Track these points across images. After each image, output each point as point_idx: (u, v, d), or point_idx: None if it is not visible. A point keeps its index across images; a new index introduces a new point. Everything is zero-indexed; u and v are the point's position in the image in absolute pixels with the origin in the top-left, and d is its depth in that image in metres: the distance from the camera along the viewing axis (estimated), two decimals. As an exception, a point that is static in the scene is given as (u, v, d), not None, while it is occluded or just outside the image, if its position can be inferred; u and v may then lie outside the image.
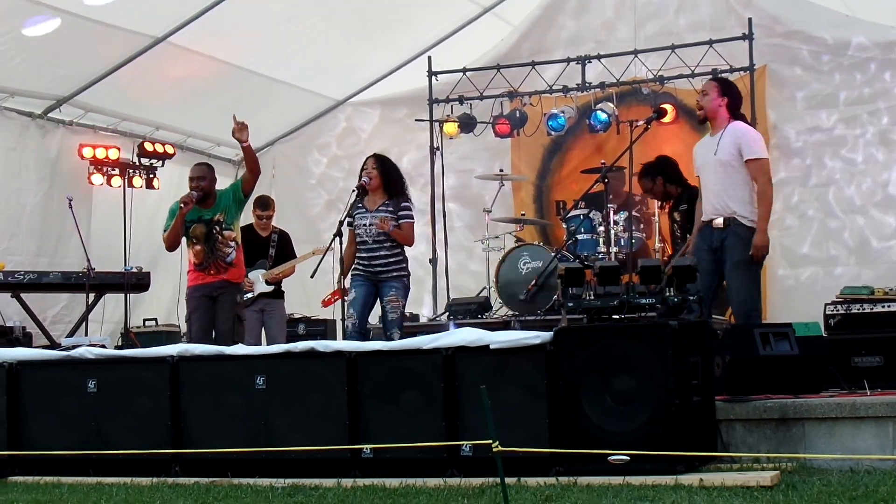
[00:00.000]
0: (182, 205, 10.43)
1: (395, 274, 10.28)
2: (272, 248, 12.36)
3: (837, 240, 13.38)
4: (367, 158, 10.58)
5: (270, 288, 12.20)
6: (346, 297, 10.19)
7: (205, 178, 10.66)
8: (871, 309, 10.93)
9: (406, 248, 10.48)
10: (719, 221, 9.08)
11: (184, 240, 10.60)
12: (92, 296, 13.25)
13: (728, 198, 9.03)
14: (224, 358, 8.47)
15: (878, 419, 7.56)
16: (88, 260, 13.05)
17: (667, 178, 11.53)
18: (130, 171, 14.22)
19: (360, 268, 10.29)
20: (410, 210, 10.41)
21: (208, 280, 10.47)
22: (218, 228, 10.46)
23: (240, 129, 10.44)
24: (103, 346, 10.34)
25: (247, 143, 10.48)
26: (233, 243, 10.49)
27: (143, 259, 13.97)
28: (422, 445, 7.40)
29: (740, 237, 8.94)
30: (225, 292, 10.49)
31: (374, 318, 10.84)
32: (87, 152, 13.88)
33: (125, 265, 13.58)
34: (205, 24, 12.96)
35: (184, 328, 14.13)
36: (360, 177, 10.42)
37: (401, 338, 9.81)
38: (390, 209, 10.28)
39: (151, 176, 14.43)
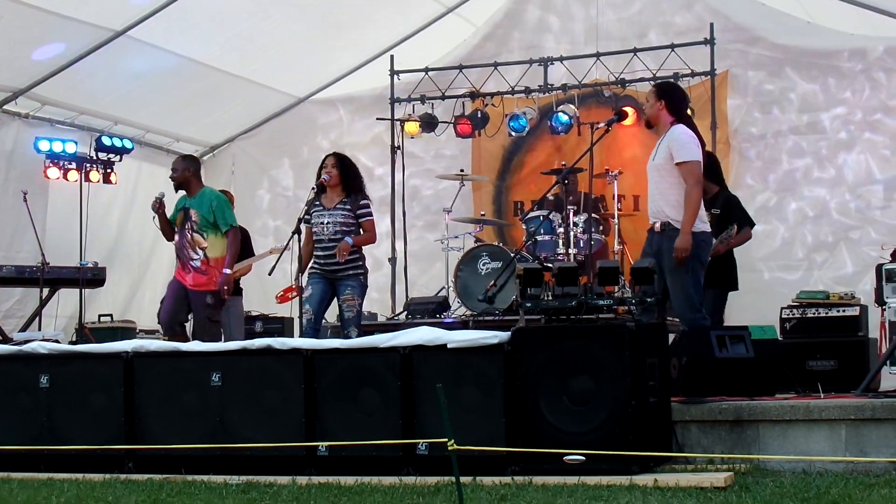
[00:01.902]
0: (155, 206, 10.65)
1: (351, 272, 10.25)
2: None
3: (794, 244, 13.44)
4: (327, 157, 10.56)
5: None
6: (303, 294, 10.15)
7: (175, 170, 10.75)
8: (827, 313, 11.01)
9: (365, 246, 10.47)
10: (657, 226, 9.04)
11: None
12: (46, 290, 13.14)
13: (663, 202, 8.97)
14: (180, 354, 8.42)
15: (831, 422, 7.60)
16: (43, 254, 12.94)
17: (707, 174, 11.36)
18: (87, 165, 14.08)
19: (317, 266, 10.26)
20: (369, 208, 10.40)
21: (180, 277, 10.59)
22: (189, 224, 10.48)
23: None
24: (57, 342, 10.27)
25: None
26: (201, 252, 10.47)
27: (98, 254, 13.87)
28: (378, 443, 7.38)
29: (674, 241, 8.87)
30: (194, 299, 10.54)
31: (333, 315, 10.83)
32: (44, 146, 13.74)
33: (80, 260, 13.47)
34: (166, 19, 12.88)
35: (150, 324, 14.11)
36: (319, 175, 10.40)
37: (358, 336, 9.79)
38: (348, 207, 10.26)
39: (109, 171, 14.31)
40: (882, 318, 10.29)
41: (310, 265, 10.31)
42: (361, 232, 10.30)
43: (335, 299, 10.29)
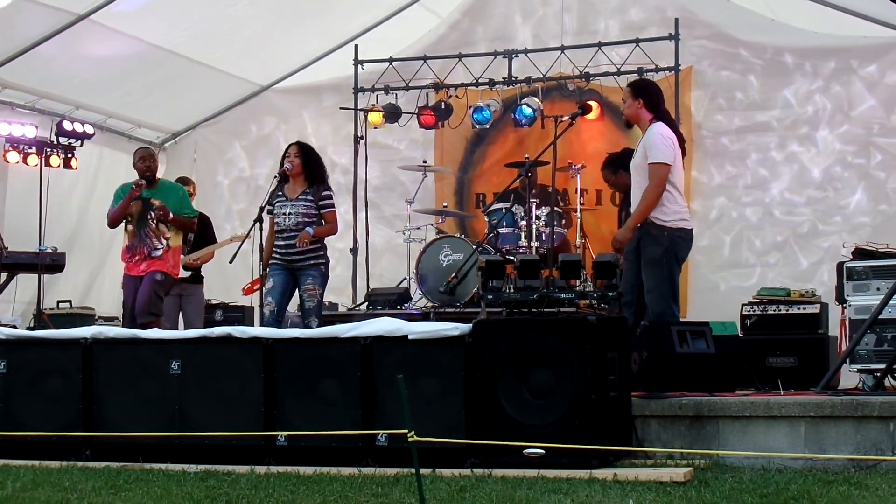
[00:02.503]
0: (135, 186, 10.48)
1: (312, 262, 10.23)
2: (191, 233, 12.21)
3: (756, 240, 13.47)
4: (290, 146, 10.53)
5: (188, 273, 12.06)
6: (264, 285, 10.12)
7: (154, 159, 10.87)
8: (787, 310, 11.05)
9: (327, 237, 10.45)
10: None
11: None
12: (4, 275, 13.00)
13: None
14: (139, 342, 8.38)
15: (791, 419, 7.65)
16: (1, 239, 12.80)
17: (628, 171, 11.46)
18: (48, 150, 13.92)
19: (278, 256, 10.23)
20: (332, 199, 10.37)
21: (133, 271, 10.52)
22: (153, 214, 10.40)
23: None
24: (14, 327, 10.20)
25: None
26: (165, 241, 10.43)
27: (58, 240, 13.74)
28: (337, 434, 7.36)
29: (651, 236, 8.98)
30: (147, 277, 10.53)
31: (294, 306, 10.79)
32: (3, 129, 13.57)
33: (40, 245, 13.35)
34: (129, 3, 12.76)
35: (109, 310, 14.01)
36: (282, 164, 10.37)
37: (319, 326, 9.76)
38: (310, 198, 10.24)
39: (69, 156, 14.16)
40: (842, 315, 10.32)
41: (271, 255, 10.27)
42: (323, 223, 10.27)
43: (296, 290, 10.26)
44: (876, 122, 13.08)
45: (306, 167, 10.36)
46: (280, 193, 10.30)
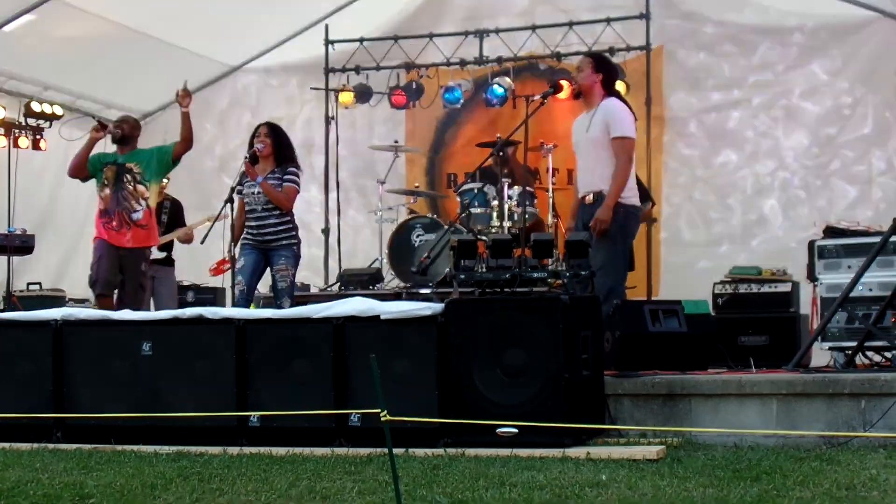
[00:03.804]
0: (93, 131, 10.38)
1: (284, 242, 10.19)
2: (164, 215, 12.14)
3: (728, 219, 13.52)
4: (260, 126, 10.48)
5: (161, 255, 12.00)
6: (235, 265, 10.07)
7: (127, 123, 10.67)
8: (759, 289, 11.10)
9: (295, 217, 10.38)
10: (590, 198, 9.07)
11: (95, 187, 10.44)
12: (-28, 257, 12.97)
13: (598, 175, 9.00)
14: (110, 323, 8.35)
15: (763, 396, 7.67)
16: (-31, 220, 12.76)
17: None
18: (16, 131, 13.86)
19: (250, 236, 10.19)
20: (297, 176, 10.29)
21: (114, 241, 10.25)
22: (129, 177, 10.29)
23: (183, 96, 10.34)
24: (-17, 309, 10.15)
25: (187, 109, 10.33)
26: (143, 202, 10.30)
27: (28, 222, 13.66)
28: (310, 414, 7.35)
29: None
30: (129, 260, 10.30)
31: (265, 286, 10.75)
32: (-29, 110, 13.54)
33: (9, 227, 13.26)
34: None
35: (82, 293, 13.89)
36: (252, 144, 10.32)
37: (291, 306, 9.73)
38: (278, 176, 10.19)
39: (38, 137, 14.09)
40: (814, 294, 10.35)
41: (242, 235, 10.23)
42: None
43: (268, 270, 10.22)
44: (846, 101, 13.11)
45: (276, 147, 10.31)
46: (245, 173, 10.26)
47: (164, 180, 11.49)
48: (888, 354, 9.35)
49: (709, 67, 13.78)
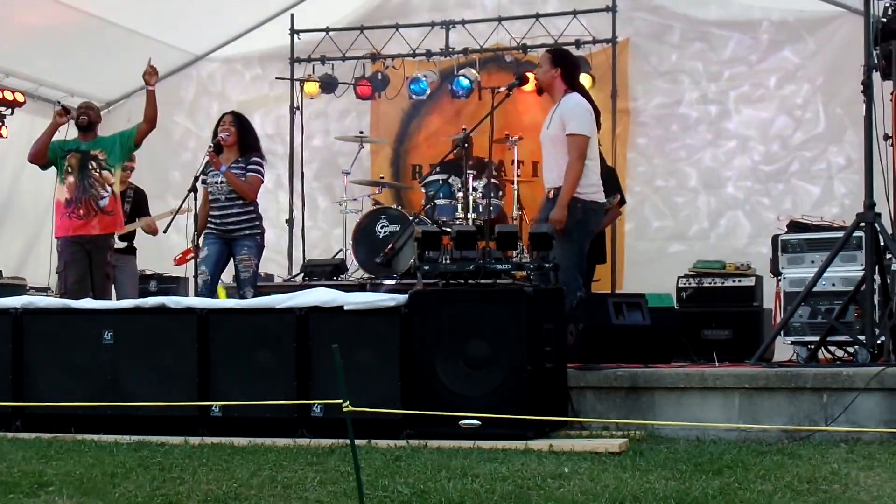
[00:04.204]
0: (57, 116, 10.22)
1: (247, 232, 10.15)
2: (126, 204, 12.02)
3: (692, 213, 13.54)
4: (225, 115, 10.43)
5: (123, 244, 11.91)
6: (198, 255, 10.02)
7: (92, 109, 10.56)
8: (723, 283, 11.12)
9: (258, 206, 10.34)
10: (551, 193, 9.00)
11: (56, 181, 10.31)
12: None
13: (558, 171, 8.92)
14: (71, 312, 8.31)
15: (726, 390, 7.69)
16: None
17: None
18: (-23, 117, 13.79)
19: (213, 226, 10.14)
20: (261, 166, 10.25)
21: (80, 231, 10.11)
22: (94, 164, 10.19)
23: (150, 73, 10.26)
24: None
25: (153, 87, 10.25)
26: (109, 188, 10.21)
27: (-11, 209, 13.61)
28: (272, 404, 7.31)
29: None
30: (96, 249, 10.17)
31: (228, 276, 10.71)
32: (-68, 96, 13.42)
33: (-32, 215, 13.18)
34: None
35: (44, 282, 13.80)
36: (216, 133, 10.27)
37: (254, 296, 9.70)
38: (241, 166, 10.15)
39: (0, 124, 14.00)
40: (777, 288, 10.39)
41: (206, 225, 10.17)
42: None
43: (231, 259, 10.18)
44: (811, 96, 13.15)
45: (241, 137, 10.27)
46: (209, 162, 10.21)
47: (129, 167, 11.43)
48: (850, 349, 9.40)
49: (675, 61, 13.79)
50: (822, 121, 13.09)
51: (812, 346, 9.10)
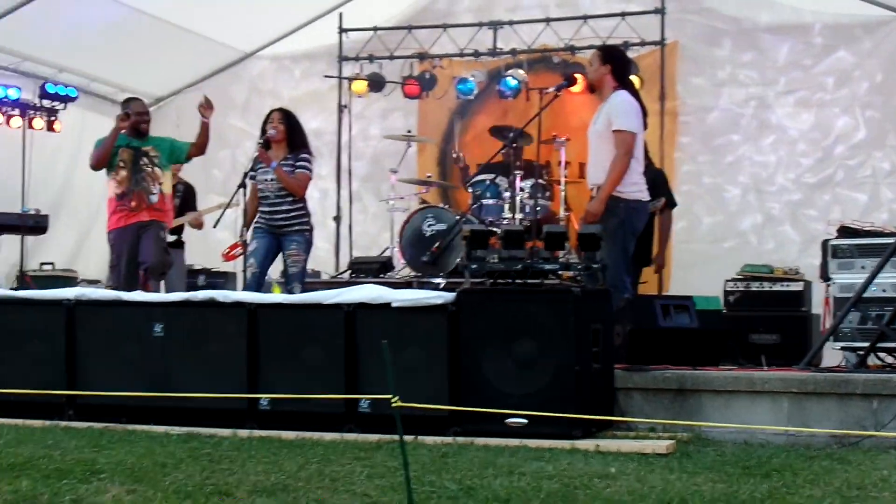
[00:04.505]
0: (119, 121, 10.28)
1: (297, 228, 10.20)
2: (176, 199, 12.11)
3: (740, 216, 13.50)
4: (273, 112, 10.48)
5: (172, 238, 11.98)
6: (247, 249, 10.07)
7: (148, 115, 10.70)
8: (770, 287, 11.07)
9: (307, 203, 10.39)
10: (594, 191, 8.97)
11: (107, 177, 10.38)
12: (-14, 236, 12.99)
13: (600, 168, 8.87)
14: (122, 304, 8.35)
15: (774, 394, 7.64)
16: (-17, 200, 12.77)
17: None
18: (31, 112, 13.92)
19: (262, 221, 10.20)
20: (309, 162, 10.30)
21: (131, 220, 10.19)
22: (146, 160, 10.27)
23: (205, 107, 10.52)
24: (-3, 288, 10.16)
25: (208, 120, 10.47)
26: (159, 186, 10.29)
27: (42, 203, 13.71)
28: (320, 398, 7.34)
29: (607, 207, 8.76)
30: (148, 228, 10.25)
31: (274, 272, 10.76)
32: (-13, 91, 13.56)
33: (22, 207, 13.29)
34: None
35: (95, 274, 13.91)
36: (264, 130, 10.32)
37: (301, 292, 9.74)
38: (290, 163, 10.20)
39: (53, 118, 14.14)
40: (826, 293, 10.32)
41: (255, 220, 10.23)
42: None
43: (279, 254, 10.23)
44: (862, 98, 13.08)
45: (289, 133, 10.33)
46: (259, 158, 10.27)
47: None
48: (901, 355, 9.35)
49: (724, 63, 13.75)
50: (873, 124, 13.03)
51: (862, 352, 9.03)
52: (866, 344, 9.00)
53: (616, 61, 9.19)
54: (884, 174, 12.94)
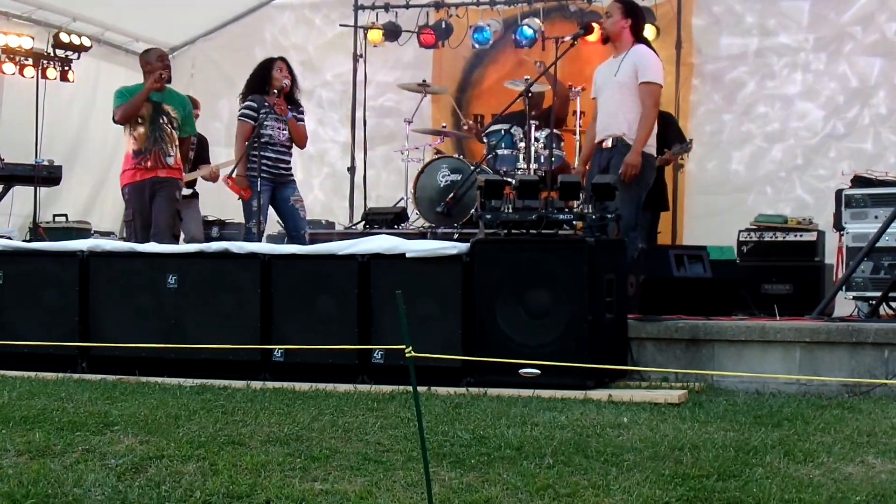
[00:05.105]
0: (157, 80, 10.06)
1: (292, 177, 10.53)
2: (190, 152, 12.08)
3: (756, 166, 13.43)
4: (281, 60, 10.56)
5: (188, 191, 11.96)
6: (254, 201, 10.01)
7: (170, 66, 10.58)
8: (784, 238, 11.05)
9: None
10: (608, 142, 9.08)
11: (125, 131, 10.24)
12: (0, 187, 12.97)
13: (621, 118, 9.02)
14: (136, 255, 8.37)
15: (786, 344, 7.67)
16: (-4, 150, 12.76)
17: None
18: (44, 62, 13.81)
19: (266, 169, 10.16)
20: (304, 115, 10.64)
21: (147, 176, 10.01)
22: (166, 119, 10.09)
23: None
24: (9, 238, 10.15)
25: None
26: (175, 149, 10.15)
27: (56, 153, 13.64)
28: (334, 348, 7.37)
29: (624, 157, 8.90)
30: (163, 187, 10.07)
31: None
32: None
33: (36, 158, 13.27)
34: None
35: (109, 226, 13.92)
36: (269, 74, 10.34)
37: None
38: (294, 116, 10.33)
39: (66, 68, 14.05)
40: (839, 243, 10.31)
41: (256, 169, 10.09)
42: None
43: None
44: (881, 50, 12.97)
45: (293, 86, 10.44)
46: (267, 105, 10.26)
47: (195, 115, 11.45)
48: (913, 305, 9.34)
49: (741, 13, 13.64)
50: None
51: (874, 302, 9.02)
52: (878, 293, 9.01)
53: (637, 17, 9.30)
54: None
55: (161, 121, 10.07)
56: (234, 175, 10.16)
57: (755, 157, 13.44)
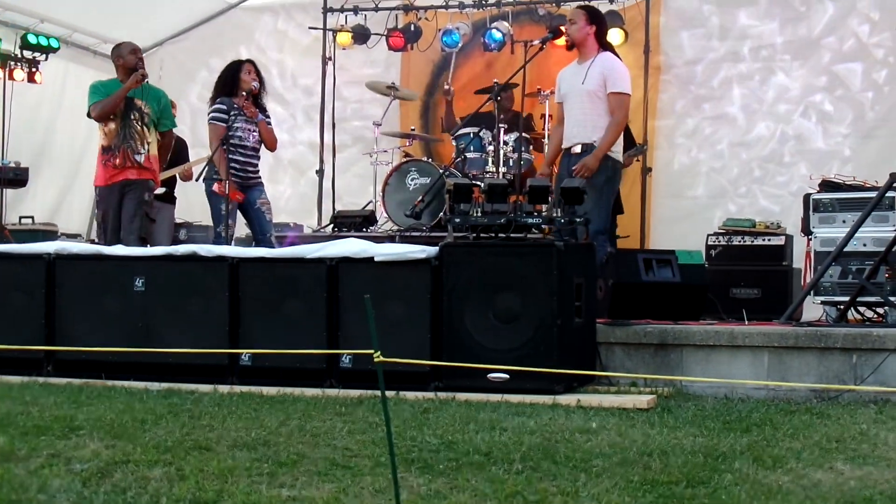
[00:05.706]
0: (139, 76, 9.93)
1: (260, 179, 10.51)
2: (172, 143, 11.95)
3: (722, 171, 13.45)
4: (249, 63, 10.52)
5: (162, 190, 11.84)
6: (226, 206, 9.97)
7: (143, 58, 10.42)
8: (752, 242, 11.08)
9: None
10: (577, 148, 9.22)
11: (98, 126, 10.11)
12: (-36, 188, 12.90)
13: (590, 127, 9.17)
14: (103, 258, 8.33)
15: (754, 348, 7.68)
16: (-39, 151, 12.68)
17: None
18: (11, 63, 13.76)
19: (234, 172, 10.14)
20: (271, 119, 10.67)
21: (118, 178, 9.88)
22: (137, 115, 9.94)
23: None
24: (-27, 240, 10.08)
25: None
26: (146, 146, 9.98)
27: (23, 155, 13.58)
28: (301, 353, 7.33)
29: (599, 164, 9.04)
30: (132, 188, 9.91)
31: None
32: (-34, 41, 13.42)
33: (2, 159, 13.18)
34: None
35: (76, 228, 13.83)
36: (237, 77, 10.29)
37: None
38: (260, 118, 10.31)
39: (34, 70, 13.98)
40: (808, 247, 10.34)
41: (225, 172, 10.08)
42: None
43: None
44: (846, 54, 13.01)
45: (260, 89, 10.43)
46: (237, 107, 10.22)
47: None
48: (880, 310, 9.35)
49: (708, 16, 13.65)
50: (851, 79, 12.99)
51: (842, 307, 9.05)
52: (846, 298, 9.03)
53: (601, 23, 9.48)
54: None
55: (131, 117, 9.93)
56: (220, 181, 10.09)
57: (723, 160, 13.45)
